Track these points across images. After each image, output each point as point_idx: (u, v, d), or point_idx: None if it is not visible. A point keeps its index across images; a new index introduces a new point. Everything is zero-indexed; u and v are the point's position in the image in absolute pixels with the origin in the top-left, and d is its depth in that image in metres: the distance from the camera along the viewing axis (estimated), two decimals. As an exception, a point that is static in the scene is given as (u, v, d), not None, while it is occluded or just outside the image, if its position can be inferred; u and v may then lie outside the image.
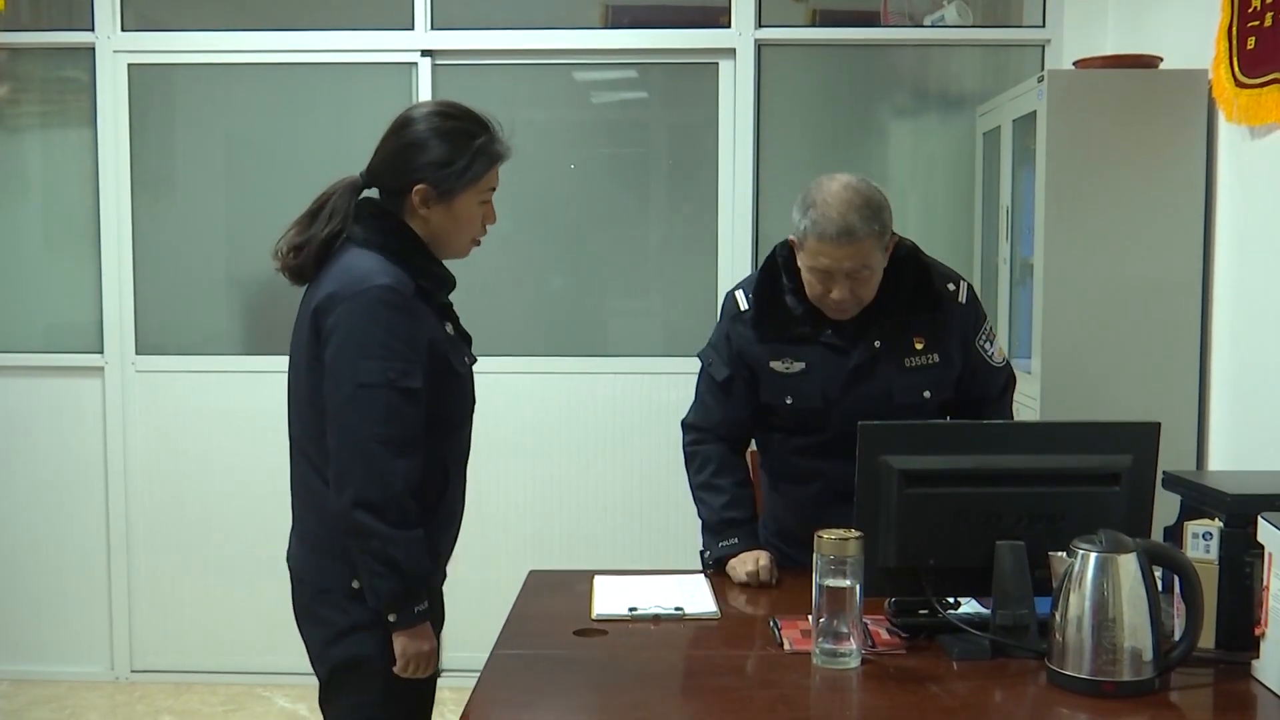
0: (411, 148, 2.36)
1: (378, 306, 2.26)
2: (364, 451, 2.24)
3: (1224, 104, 3.42)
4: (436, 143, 2.35)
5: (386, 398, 2.24)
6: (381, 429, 2.24)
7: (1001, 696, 2.11)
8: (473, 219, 2.42)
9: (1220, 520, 2.22)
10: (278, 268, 2.45)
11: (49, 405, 4.79)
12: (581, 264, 4.84)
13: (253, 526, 4.64)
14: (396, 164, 2.38)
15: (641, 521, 4.66)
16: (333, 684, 2.43)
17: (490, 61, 4.71)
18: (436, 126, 2.36)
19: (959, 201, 4.68)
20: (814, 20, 4.74)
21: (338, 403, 2.28)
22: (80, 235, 4.78)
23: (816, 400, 2.76)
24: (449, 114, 2.40)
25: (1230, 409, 3.52)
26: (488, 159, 2.39)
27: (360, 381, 2.24)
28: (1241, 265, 3.46)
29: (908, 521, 2.27)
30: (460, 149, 2.35)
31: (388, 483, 2.23)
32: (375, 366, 2.24)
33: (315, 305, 2.35)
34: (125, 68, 4.69)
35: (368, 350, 2.25)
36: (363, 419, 2.24)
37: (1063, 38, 4.50)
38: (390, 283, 2.28)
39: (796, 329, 2.75)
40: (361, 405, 2.24)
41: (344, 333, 2.27)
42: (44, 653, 4.84)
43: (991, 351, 2.86)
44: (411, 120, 2.39)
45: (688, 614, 2.48)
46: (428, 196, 2.36)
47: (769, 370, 2.79)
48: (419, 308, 2.33)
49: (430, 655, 2.33)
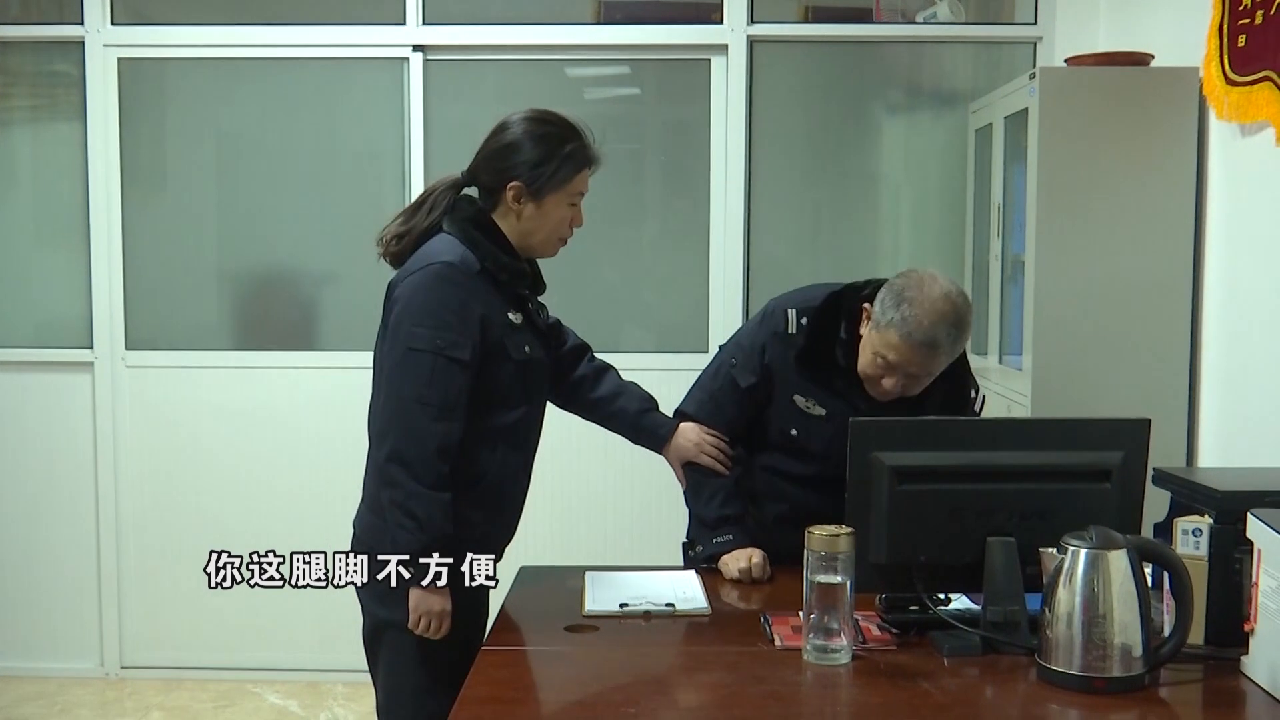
0: (508, 148, 2.55)
1: (435, 280, 2.45)
2: (405, 410, 2.41)
3: (1214, 101, 3.42)
4: (530, 145, 2.53)
5: (433, 363, 2.41)
6: (424, 390, 2.41)
7: (992, 693, 2.12)
8: (561, 219, 2.60)
9: (1210, 517, 2.22)
10: (380, 254, 2.62)
11: (38, 401, 4.77)
12: (572, 260, 4.81)
13: (243, 521, 4.62)
14: (493, 163, 2.56)
15: (632, 517, 4.66)
16: (374, 641, 2.59)
17: (482, 57, 4.70)
18: (531, 130, 2.55)
19: (950, 198, 4.68)
20: (806, 16, 4.74)
21: (390, 365, 2.47)
22: (70, 230, 4.76)
23: (819, 445, 2.77)
24: (544, 119, 2.58)
25: (1220, 406, 3.53)
26: (577, 163, 2.56)
27: (411, 345, 2.43)
28: (1232, 262, 3.47)
29: (899, 518, 2.28)
30: (553, 152, 2.53)
31: (422, 441, 2.40)
32: (425, 333, 2.42)
33: (391, 280, 2.56)
34: (115, 62, 4.67)
35: (420, 319, 2.43)
36: (408, 380, 2.42)
37: (1054, 35, 4.51)
38: (452, 260, 2.47)
39: (836, 381, 2.75)
40: (409, 367, 2.42)
41: (404, 303, 2.46)
42: (33, 649, 4.82)
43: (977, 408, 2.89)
44: (509, 124, 2.57)
45: (679, 610, 2.48)
46: (520, 193, 2.54)
47: (790, 400, 2.79)
48: (480, 286, 2.49)
49: (443, 615, 2.42)
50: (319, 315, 4.85)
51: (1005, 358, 4.14)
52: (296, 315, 4.86)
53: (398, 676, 2.54)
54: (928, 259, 4.61)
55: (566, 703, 2.13)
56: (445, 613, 2.43)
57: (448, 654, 2.45)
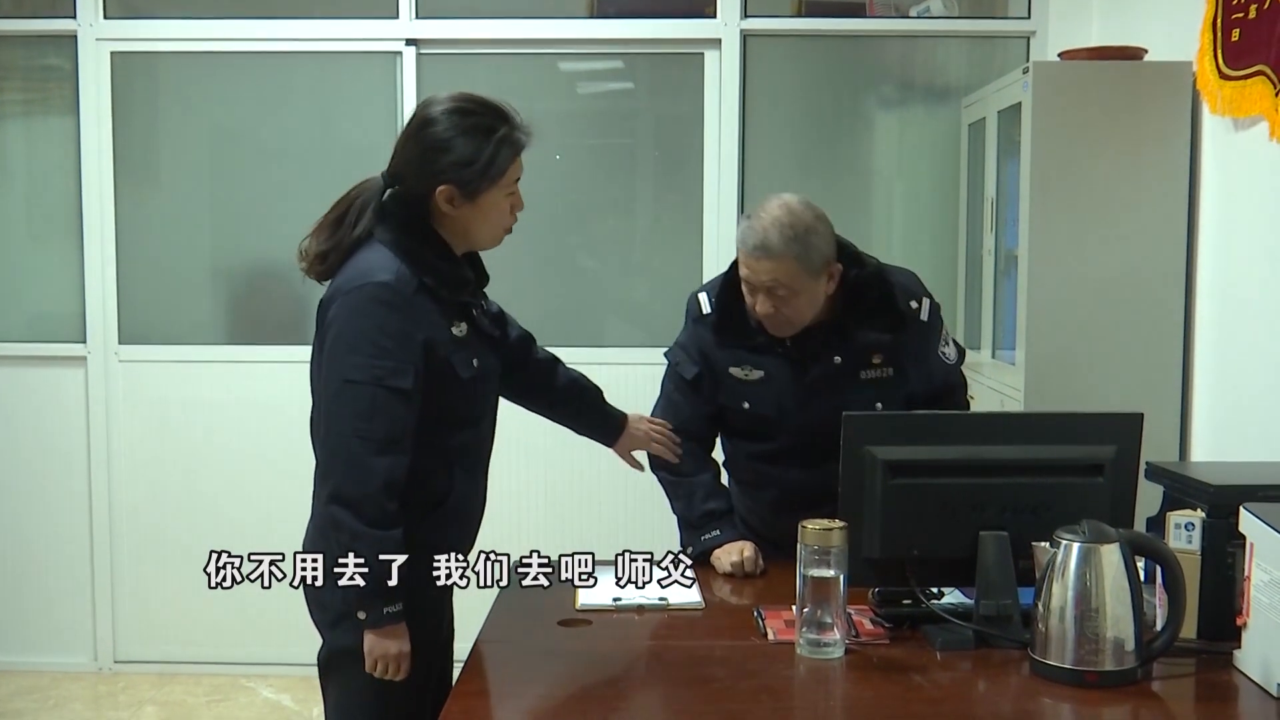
0: (433, 150, 2.34)
1: (372, 303, 2.26)
2: (345, 447, 2.23)
3: (1208, 96, 3.42)
4: (459, 141, 2.33)
5: (372, 394, 2.23)
6: (364, 425, 2.22)
7: (985, 686, 2.12)
8: (501, 211, 2.41)
9: (1203, 511, 2.23)
10: (303, 269, 2.43)
11: (31, 395, 4.77)
12: (565, 255, 4.83)
13: (237, 516, 4.62)
14: (419, 166, 2.36)
15: (623, 512, 4.65)
16: (328, 668, 2.43)
17: (475, 51, 4.69)
18: (456, 124, 2.34)
19: (944, 192, 4.68)
20: (800, 10, 4.73)
21: (327, 397, 2.28)
22: (63, 224, 4.75)
23: (771, 409, 2.79)
24: (467, 109, 2.38)
25: (1213, 400, 3.53)
26: (510, 151, 2.36)
27: (346, 377, 2.24)
28: (1225, 257, 3.48)
29: (892, 512, 2.28)
30: (482, 145, 2.33)
31: (365, 480, 2.21)
32: (363, 363, 2.23)
33: (322, 298, 2.37)
34: (108, 55, 4.66)
35: (357, 346, 2.24)
36: (346, 414, 2.24)
37: (1048, 29, 4.51)
38: (388, 279, 2.27)
39: (756, 338, 2.77)
40: (346, 400, 2.24)
41: (338, 327, 2.28)
42: (27, 643, 4.82)
43: (949, 353, 2.88)
44: (431, 120, 2.36)
45: (672, 605, 2.48)
46: (452, 196, 2.34)
47: (728, 374, 2.82)
48: (420, 305, 2.30)
49: (401, 658, 2.27)
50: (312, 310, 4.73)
51: (998, 352, 4.14)
52: (289, 310, 4.85)
53: (352, 710, 2.40)
54: (921, 253, 4.62)
55: (560, 697, 2.13)
56: (404, 654, 2.26)
57: (404, 698, 2.32)
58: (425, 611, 2.33)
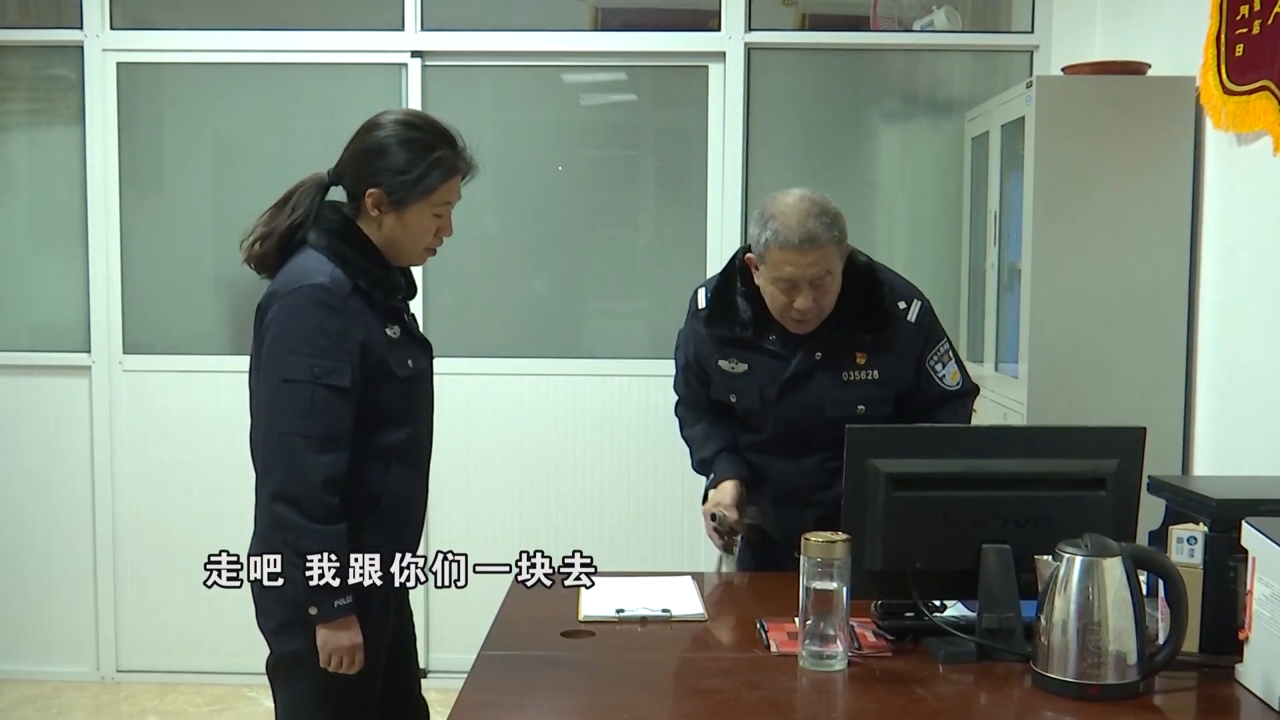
0: (371, 152, 2.43)
1: (308, 305, 2.33)
2: (286, 445, 2.30)
3: (1212, 111, 3.43)
4: (396, 149, 2.41)
5: (311, 393, 2.30)
6: (303, 423, 2.29)
7: (987, 699, 2.12)
8: (424, 229, 2.47)
9: (1205, 525, 2.23)
10: (243, 258, 2.48)
11: (35, 404, 4.77)
12: (569, 266, 4.84)
13: (239, 526, 4.57)
14: (357, 166, 2.45)
15: (627, 523, 4.66)
16: (275, 676, 2.51)
17: (480, 63, 4.71)
18: (398, 134, 2.42)
19: (947, 206, 4.69)
20: (804, 24, 4.75)
21: (265, 397, 2.36)
22: (68, 234, 4.76)
23: (755, 401, 2.86)
24: (413, 124, 2.45)
25: (1216, 414, 3.53)
26: (444, 172, 2.43)
27: (285, 376, 2.31)
28: (1228, 271, 3.48)
29: (895, 524, 2.28)
30: (417, 159, 2.40)
31: (306, 477, 2.28)
32: (301, 363, 2.31)
33: (259, 303, 2.42)
34: (114, 66, 4.68)
35: (295, 346, 2.32)
36: (285, 413, 2.31)
37: (1051, 44, 4.52)
38: (324, 282, 2.34)
39: (741, 332, 2.83)
40: (285, 400, 2.31)
41: (276, 329, 2.34)
42: (30, 652, 4.82)
43: (943, 373, 2.88)
44: (377, 125, 2.45)
45: (675, 616, 2.49)
46: (379, 201, 2.41)
47: (718, 368, 2.90)
48: (355, 308, 2.37)
49: (354, 650, 2.35)
50: None
51: (1001, 365, 4.14)
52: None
53: (300, 712, 2.48)
54: (924, 267, 4.62)
55: (562, 708, 2.13)
56: (356, 646, 2.35)
57: (350, 698, 2.42)
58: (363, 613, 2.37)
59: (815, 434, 2.79)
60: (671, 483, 4.57)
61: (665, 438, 2.99)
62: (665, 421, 3.03)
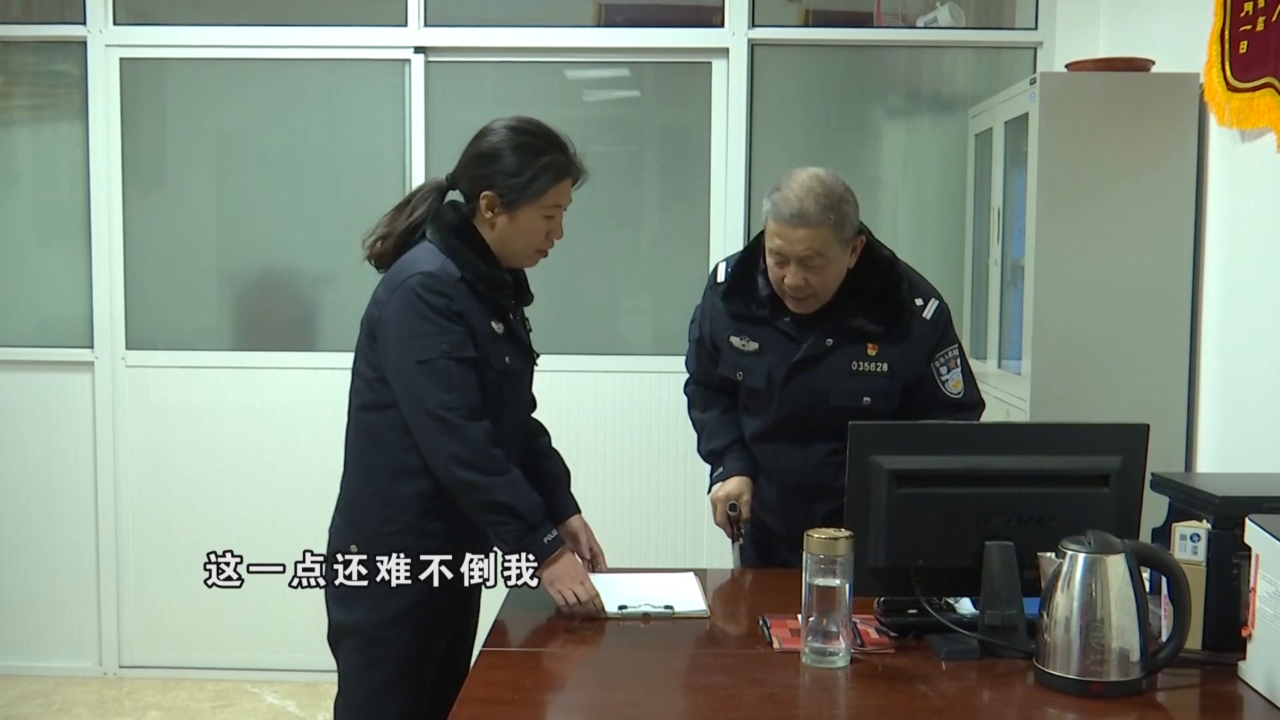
0: (484, 156, 2.52)
1: (421, 290, 2.42)
2: (440, 419, 2.39)
3: (1215, 107, 3.43)
4: (508, 154, 2.50)
5: (446, 368, 2.40)
6: (448, 397, 2.40)
7: (989, 696, 2.12)
8: (535, 231, 2.55)
9: (1208, 522, 2.23)
10: (365, 255, 2.60)
11: (39, 400, 4.78)
12: (572, 263, 4.83)
13: (242, 522, 4.63)
14: (471, 170, 2.54)
15: (630, 519, 4.66)
16: (334, 644, 2.58)
17: (483, 59, 4.71)
18: (510, 139, 2.52)
19: (950, 203, 4.69)
20: (807, 20, 4.75)
21: (406, 383, 2.44)
22: (71, 229, 4.77)
23: (761, 381, 2.85)
24: (524, 129, 2.55)
25: (1219, 411, 3.53)
26: (553, 175, 2.53)
27: (419, 358, 2.41)
28: (1231, 268, 3.48)
29: (897, 521, 2.28)
30: (528, 163, 2.50)
31: (470, 439, 2.39)
32: (429, 342, 2.41)
33: (374, 294, 2.53)
34: (117, 62, 4.68)
35: (419, 329, 2.41)
36: (428, 393, 2.40)
37: (1055, 40, 4.51)
38: (431, 269, 2.45)
39: (757, 310, 2.83)
40: (425, 380, 2.40)
41: (395, 320, 2.44)
42: (32, 648, 4.82)
43: (947, 378, 2.85)
44: (490, 130, 2.55)
45: (678, 612, 2.49)
46: (493, 203, 2.51)
47: (728, 344, 2.90)
48: (461, 294, 2.45)
49: (580, 577, 2.45)
50: (319, 316, 4.86)
51: (1004, 362, 4.14)
52: (296, 316, 4.86)
53: (352, 678, 2.56)
54: (927, 263, 4.57)
55: (565, 704, 2.14)
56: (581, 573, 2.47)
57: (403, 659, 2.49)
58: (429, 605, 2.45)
59: (818, 423, 2.78)
60: (675, 479, 4.57)
61: (668, 434, 2.99)
62: (668, 418, 3.03)
